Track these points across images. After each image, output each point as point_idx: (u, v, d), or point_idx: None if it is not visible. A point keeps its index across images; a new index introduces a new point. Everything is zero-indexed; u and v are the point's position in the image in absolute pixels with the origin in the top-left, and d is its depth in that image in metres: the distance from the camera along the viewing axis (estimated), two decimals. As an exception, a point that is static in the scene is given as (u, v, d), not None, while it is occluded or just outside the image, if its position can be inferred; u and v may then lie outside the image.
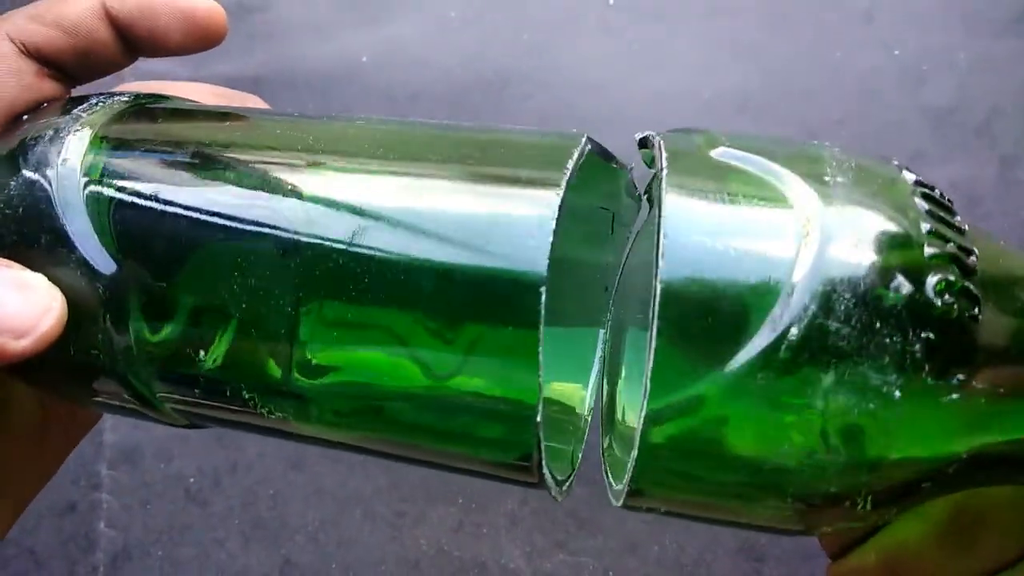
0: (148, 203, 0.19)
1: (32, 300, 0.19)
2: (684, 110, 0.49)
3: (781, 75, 0.49)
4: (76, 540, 0.48)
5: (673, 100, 0.49)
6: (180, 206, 0.19)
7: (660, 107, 0.49)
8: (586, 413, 0.25)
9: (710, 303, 0.17)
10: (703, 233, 0.18)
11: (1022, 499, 0.22)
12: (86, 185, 0.19)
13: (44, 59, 0.22)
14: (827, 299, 0.17)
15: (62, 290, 0.19)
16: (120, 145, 0.20)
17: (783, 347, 0.17)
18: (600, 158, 0.22)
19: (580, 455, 0.24)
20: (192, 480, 0.48)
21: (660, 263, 0.17)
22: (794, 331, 0.17)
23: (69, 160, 0.19)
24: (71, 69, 0.23)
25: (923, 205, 0.19)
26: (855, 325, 0.17)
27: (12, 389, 0.26)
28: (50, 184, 0.19)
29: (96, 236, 0.19)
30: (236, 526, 0.47)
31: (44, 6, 0.22)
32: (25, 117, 0.22)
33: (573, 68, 0.49)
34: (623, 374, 0.26)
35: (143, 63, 0.53)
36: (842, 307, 0.17)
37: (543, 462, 0.19)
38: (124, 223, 0.19)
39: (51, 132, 0.20)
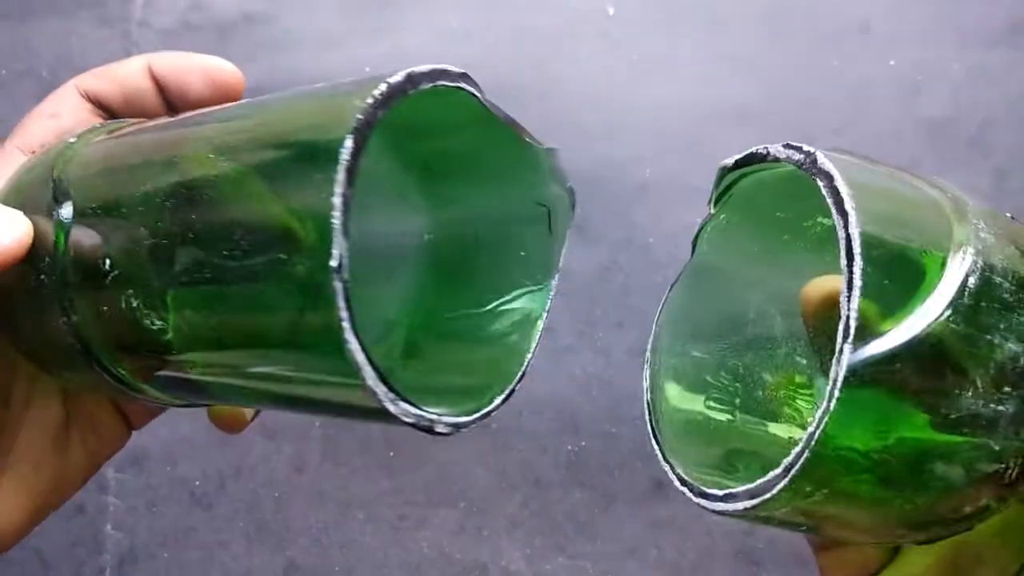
0: (95, 178, 0.24)
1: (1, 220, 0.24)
2: (684, 120, 0.49)
3: (779, 85, 0.49)
4: (83, 542, 0.48)
5: (673, 110, 0.50)
6: (110, 181, 0.24)
7: (660, 117, 0.50)
8: (526, 362, 0.26)
9: (898, 260, 0.20)
10: (879, 204, 0.21)
11: (1008, 529, 0.24)
12: (68, 163, 0.25)
13: (98, 103, 0.29)
14: (988, 257, 0.21)
15: (38, 232, 0.24)
16: (93, 144, 0.26)
17: (966, 294, 0.20)
18: (477, 102, 0.23)
19: (498, 399, 0.25)
20: (197, 483, 0.49)
21: (850, 230, 0.20)
22: (972, 281, 0.20)
23: (77, 142, 0.26)
24: (118, 111, 0.29)
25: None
26: (1011, 280, 0.21)
27: (36, 381, 0.29)
28: (53, 161, 0.25)
29: (68, 199, 0.24)
30: (240, 529, 0.48)
31: (107, 65, 0.30)
32: None
33: (573, 79, 0.50)
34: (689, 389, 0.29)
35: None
36: (999, 265, 0.21)
37: (355, 350, 0.19)
38: (80, 191, 0.24)
39: (73, 135, 0.27)
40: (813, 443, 0.19)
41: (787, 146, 0.23)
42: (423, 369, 0.28)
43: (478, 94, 0.23)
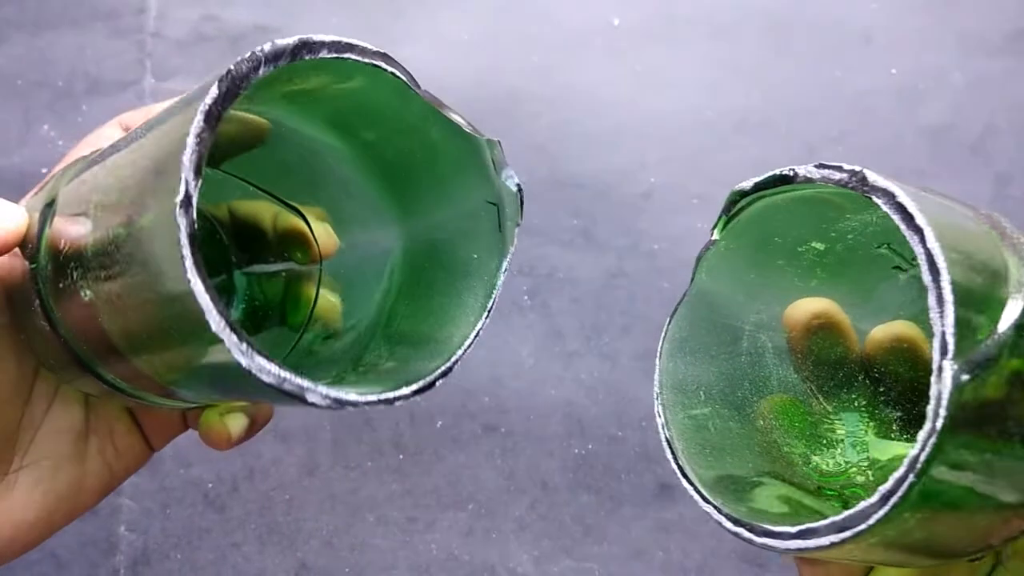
0: (71, 181, 0.27)
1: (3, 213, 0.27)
2: (687, 129, 0.50)
3: (781, 93, 0.50)
4: (97, 543, 0.49)
5: (676, 118, 0.50)
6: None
7: (663, 125, 0.50)
8: (465, 346, 0.27)
9: (966, 276, 0.20)
10: (936, 219, 0.21)
11: None
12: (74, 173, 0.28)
13: None
14: None
15: (31, 225, 0.27)
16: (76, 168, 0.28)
17: None
18: (404, 84, 0.24)
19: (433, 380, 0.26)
20: (210, 485, 0.49)
21: (929, 244, 0.20)
22: None
23: (89, 155, 0.28)
24: None
25: None
26: None
27: (60, 386, 0.30)
28: (64, 171, 0.28)
29: (56, 200, 0.27)
30: (252, 531, 0.49)
31: (149, 106, 0.33)
32: None
33: (581, 88, 0.51)
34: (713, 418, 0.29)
35: (162, 84, 0.54)
36: None
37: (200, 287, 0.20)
38: (62, 194, 0.27)
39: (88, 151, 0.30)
40: (919, 466, 0.19)
41: (821, 166, 0.23)
42: (394, 368, 0.28)
43: (402, 76, 0.24)
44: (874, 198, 0.21)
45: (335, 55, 0.23)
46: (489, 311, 0.27)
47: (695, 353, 0.29)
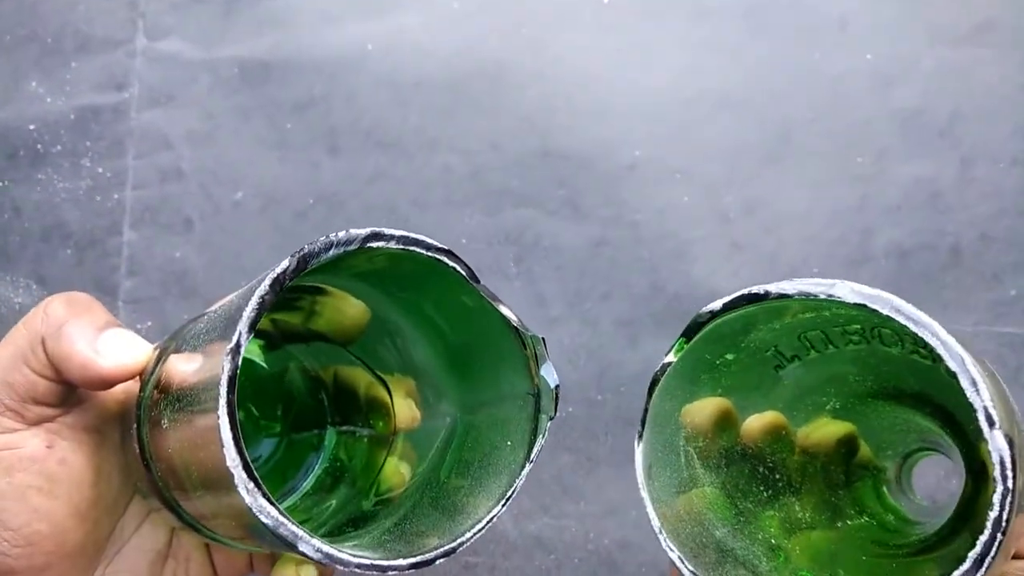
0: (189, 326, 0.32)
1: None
2: (670, 105, 0.52)
3: (759, 75, 0.52)
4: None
5: (657, 95, 0.52)
6: None
7: (645, 101, 0.52)
8: (474, 532, 0.29)
9: None
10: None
11: None
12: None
13: None
14: None
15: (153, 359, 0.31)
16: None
17: None
18: (462, 278, 0.28)
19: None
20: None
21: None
22: None
23: None
24: None
25: None
26: None
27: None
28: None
29: (175, 339, 0.31)
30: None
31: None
32: None
33: (567, 61, 0.52)
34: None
35: (154, 43, 0.54)
36: None
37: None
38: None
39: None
40: (1003, 524, 0.22)
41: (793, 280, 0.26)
42: (421, 532, 0.30)
43: (461, 270, 0.27)
44: (880, 309, 0.24)
45: (402, 247, 0.26)
46: (507, 500, 0.29)
47: (659, 479, 0.31)
